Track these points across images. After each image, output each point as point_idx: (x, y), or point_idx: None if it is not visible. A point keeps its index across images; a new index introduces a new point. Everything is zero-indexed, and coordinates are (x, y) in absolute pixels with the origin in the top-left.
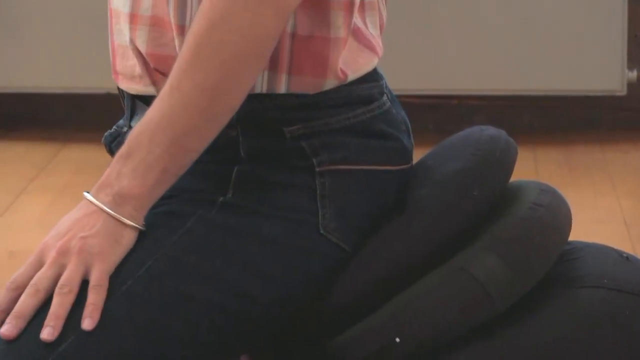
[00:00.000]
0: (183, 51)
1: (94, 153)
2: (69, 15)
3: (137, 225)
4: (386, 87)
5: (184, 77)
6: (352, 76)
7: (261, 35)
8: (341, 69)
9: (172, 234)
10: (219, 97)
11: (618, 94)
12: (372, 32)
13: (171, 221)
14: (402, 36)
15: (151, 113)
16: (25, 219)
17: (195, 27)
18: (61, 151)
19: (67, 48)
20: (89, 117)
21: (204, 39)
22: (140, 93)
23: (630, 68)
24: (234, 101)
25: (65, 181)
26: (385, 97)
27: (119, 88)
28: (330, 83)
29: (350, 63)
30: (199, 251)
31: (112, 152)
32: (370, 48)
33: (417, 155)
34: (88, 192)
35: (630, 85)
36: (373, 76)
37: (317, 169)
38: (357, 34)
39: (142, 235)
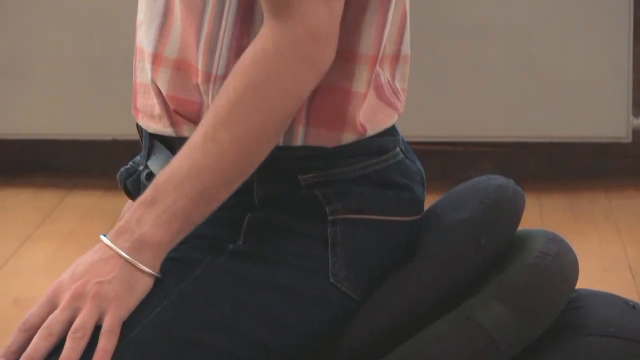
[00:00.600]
0: (221, 103)
1: (100, 199)
2: (75, 62)
3: (154, 273)
4: (402, 142)
5: (219, 129)
6: (371, 131)
7: (300, 94)
8: (361, 123)
9: (181, 281)
10: (252, 152)
11: (623, 140)
12: (399, 85)
13: (181, 268)
14: (408, 82)
15: (180, 161)
16: (30, 266)
17: (237, 81)
18: (66, 197)
19: (73, 95)
20: (95, 164)
21: (246, 94)
22: (158, 132)
23: (635, 115)
24: (264, 155)
25: (71, 228)
26: (398, 149)
27: (138, 125)
28: (348, 137)
29: (371, 118)
30: (208, 298)
31: (126, 189)
32: (392, 106)
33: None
34: (105, 235)
35: (636, 132)
36: (390, 131)
37: (330, 218)
38: (379, 90)
39: None
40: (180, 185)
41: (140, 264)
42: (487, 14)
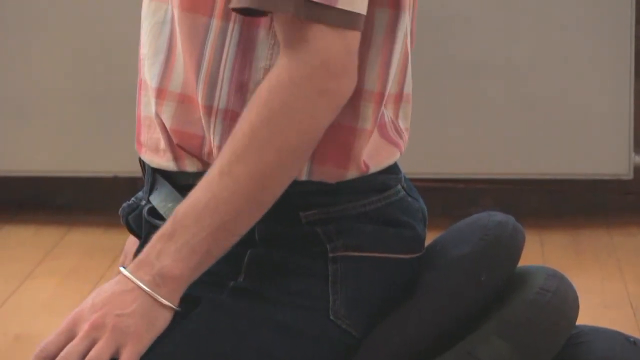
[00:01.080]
0: (237, 136)
1: (101, 236)
2: (75, 99)
3: (174, 307)
4: (405, 180)
5: (236, 163)
6: (373, 169)
7: (317, 128)
8: (364, 161)
9: (182, 318)
10: (269, 185)
11: (625, 177)
12: (402, 124)
13: (181, 305)
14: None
15: (198, 195)
16: (32, 303)
17: (253, 114)
18: (68, 234)
19: (74, 132)
20: (96, 201)
21: (262, 127)
22: (161, 167)
23: (636, 152)
24: (282, 188)
25: (72, 265)
26: (400, 186)
27: (140, 160)
28: (351, 174)
29: (374, 156)
30: (209, 335)
31: (128, 225)
32: (394, 144)
33: (425, 238)
34: (125, 268)
35: (637, 169)
36: (392, 169)
37: (331, 255)
38: (382, 129)
39: None
40: (199, 219)
41: (161, 298)
42: (488, 51)
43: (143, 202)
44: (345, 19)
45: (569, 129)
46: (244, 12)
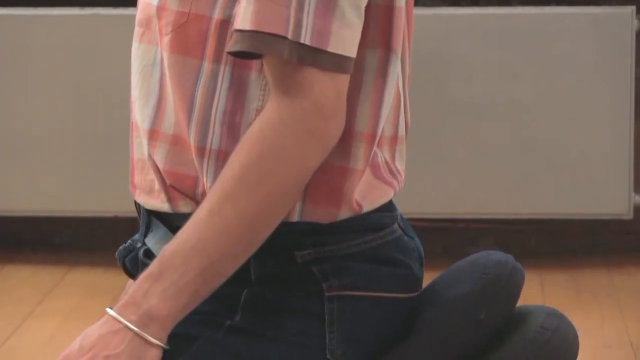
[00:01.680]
0: (226, 177)
1: (101, 276)
2: (76, 139)
3: (162, 345)
4: (401, 218)
5: (225, 203)
6: (366, 208)
7: (306, 169)
8: (356, 201)
9: (178, 356)
10: (258, 226)
11: (625, 217)
12: (398, 165)
13: (179, 343)
14: (408, 160)
15: (185, 235)
16: (31, 344)
17: (243, 155)
18: (68, 274)
19: (74, 171)
20: (96, 241)
21: (251, 167)
22: (156, 209)
23: (636, 192)
24: (271, 229)
25: (72, 305)
26: (396, 225)
27: (135, 202)
28: (344, 214)
29: (367, 195)
30: None
31: (125, 267)
32: (388, 184)
33: (424, 278)
34: (111, 308)
35: (637, 208)
36: (387, 207)
37: (327, 294)
38: (375, 169)
39: None
40: (187, 259)
41: (149, 336)
42: (488, 92)
43: (139, 244)
44: (336, 63)
45: (569, 168)
46: (237, 54)
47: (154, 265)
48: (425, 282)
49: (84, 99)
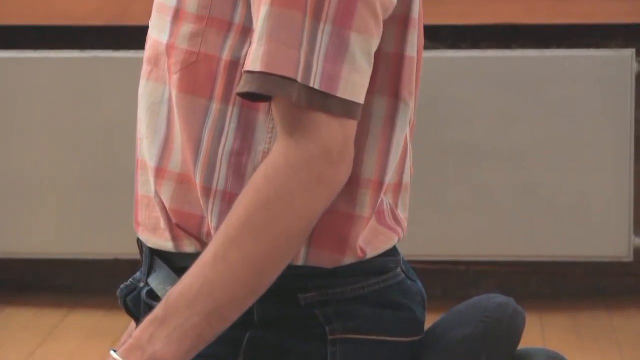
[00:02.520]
0: (232, 221)
1: (102, 319)
2: (75, 182)
3: None
4: (403, 262)
5: (231, 247)
6: (370, 254)
7: (312, 214)
8: (361, 247)
9: None
10: (264, 271)
11: (625, 260)
12: (401, 213)
13: None
14: (409, 202)
15: (191, 279)
16: None
17: (249, 199)
18: (68, 317)
19: (74, 214)
20: (97, 283)
21: (257, 212)
22: (159, 248)
23: (637, 234)
24: (277, 274)
25: (73, 348)
26: (399, 269)
27: (138, 240)
28: (348, 260)
29: (371, 241)
30: None
31: (126, 306)
32: (393, 230)
33: (426, 320)
34: (115, 351)
35: (637, 251)
36: (391, 251)
37: (330, 337)
38: (380, 216)
39: None
40: (192, 303)
41: None
42: (488, 134)
43: (141, 284)
44: (344, 108)
45: (569, 211)
46: (247, 96)
47: (159, 309)
48: (427, 325)
49: (83, 141)
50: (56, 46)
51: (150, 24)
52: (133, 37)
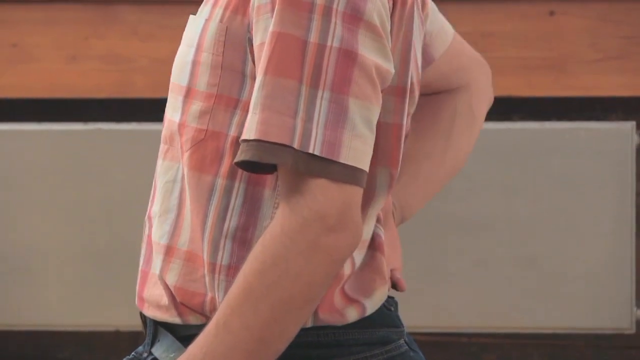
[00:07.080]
0: (233, 290)
1: None
2: (76, 254)
3: None
4: (406, 334)
5: (232, 316)
6: (369, 308)
7: (313, 282)
8: (356, 299)
9: None
10: (267, 340)
11: (627, 332)
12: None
13: None
14: (410, 274)
15: (195, 349)
16: None
17: (247, 267)
18: None
19: (75, 286)
20: (98, 355)
21: (254, 280)
22: (165, 321)
23: (639, 306)
24: (282, 345)
25: None
26: (402, 340)
27: (141, 313)
28: (350, 312)
29: (361, 289)
30: None
31: None
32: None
33: None
34: None
35: (639, 323)
36: (395, 322)
37: None
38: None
39: None
40: None
41: None
42: (487, 206)
43: (145, 355)
44: (345, 174)
45: (570, 283)
46: (247, 168)
47: None
48: None
49: (85, 214)
50: (59, 118)
51: (167, 104)
52: (135, 109)
